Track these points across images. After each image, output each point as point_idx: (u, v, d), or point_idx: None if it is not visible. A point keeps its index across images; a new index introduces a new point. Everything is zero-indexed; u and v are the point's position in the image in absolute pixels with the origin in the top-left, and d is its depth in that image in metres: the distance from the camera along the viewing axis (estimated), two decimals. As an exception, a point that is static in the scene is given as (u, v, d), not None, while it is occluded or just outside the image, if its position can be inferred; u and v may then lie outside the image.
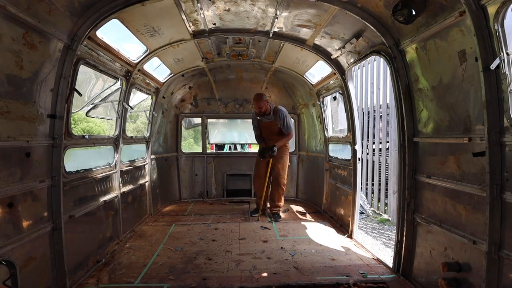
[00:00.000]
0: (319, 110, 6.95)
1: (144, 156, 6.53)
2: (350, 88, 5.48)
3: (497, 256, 2.61)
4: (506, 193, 2.56)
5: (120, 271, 4.00)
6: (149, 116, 6.73)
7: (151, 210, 6.68)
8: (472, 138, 2.87)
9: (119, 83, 5.02)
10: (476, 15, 2.60)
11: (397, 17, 3.21)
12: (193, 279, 3.82)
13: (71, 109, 3.65)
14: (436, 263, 3.36)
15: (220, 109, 8.44)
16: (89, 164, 4.41)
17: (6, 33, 2.58)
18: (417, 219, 3.78)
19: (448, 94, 3.18)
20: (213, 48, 5.85)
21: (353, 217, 5.40)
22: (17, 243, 2.81)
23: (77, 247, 3.82)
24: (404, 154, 3.92)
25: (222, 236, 5.38)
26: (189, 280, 3.78)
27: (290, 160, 8.46)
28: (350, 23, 4.16)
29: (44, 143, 3.23)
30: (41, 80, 3.09)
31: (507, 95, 2.52)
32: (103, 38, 3.98)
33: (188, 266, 4.17)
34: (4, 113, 2.67)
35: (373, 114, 11.28)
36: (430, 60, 3.38)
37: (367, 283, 3.66)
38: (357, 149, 5.50)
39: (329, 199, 6.77)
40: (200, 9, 4.23)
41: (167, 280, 3.77)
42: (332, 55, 5.25)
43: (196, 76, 7.61)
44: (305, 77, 6.81)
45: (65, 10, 3.11)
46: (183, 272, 4.01)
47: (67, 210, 3.61)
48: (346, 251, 4.72)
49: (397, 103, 3.96)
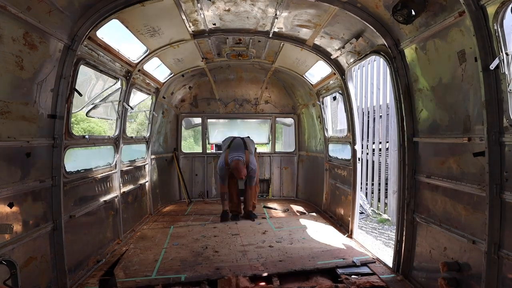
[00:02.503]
0: (319, 110, 6.95)
1: (144, 156, 6.54)
2: (350, 88, 5.48)
3: (496, 255, 2.61)
4: (506, 193, 2.57)
5: (133, 267, 4.08)
6: (149, 116, 6.74)
7: (151, 210, 6.69)
8: (472, 138, 2.88)
9: (119, 83, 5.03)
10: (476, 15, 2.60)
11: (396, 17, 3.22)
12: (207, 269, 4.03)
13: (71, 109, 3.65)
14: (436, 262, 3.36)
15: (220, 109, 8.45)
16: (89, 164, 4.42)
17: (7, 33, 2.59)
18: (416, 219, 3.78)
19: (448, 94, 3.19)
20: (213, 48, 5.85)
21: (353, 217, 5.40)
22: (17, 243, 2.82)
23: (77, 247, 3.83)
24: (404, 154, 3.92)
25: (222, 232, 5.54)
26: (204, 270, 3.98)
27: (290, 161, 8.54)
28: (350, 23, 4.17)
29: (44, 143, 3.24)
30: (42, 80, 3.10)
31: (507, 95, 2.53)
32: (103, 38, 3.99)
33: (198, 259, 4.35)
34: (4, 113, 2.68)
35: (373, 114, 11.28)
36: (430, 60, 3.39)
37: (367, 283, 3.67)
38: (357, 149, 5.50)
39: (329, 199, 6.78)
40: (200, 9, 4.23)
41: (182, 272, 3.93)
42: (332, 55, 5.25)
43: (196, 76, 7.62)
44: (305, 77, 6.82)
45: (65, 11, 3.11)
46: (195, 264, 4.19)
47: (67, 210, 3.62)
48: (346, 250, 4.72)
49: (397, 103, 3.96)
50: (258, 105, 8.51)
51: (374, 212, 10.42)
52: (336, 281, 3.80)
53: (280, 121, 9.08)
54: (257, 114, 8.58)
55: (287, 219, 6.26)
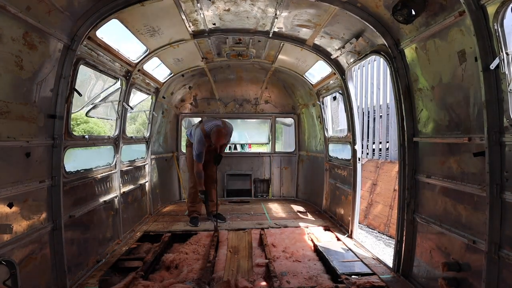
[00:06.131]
0: (319, 110, 6.95)
1: (144, 156, 6.53)
2: (350, 88, 5.48)
3: (497, 256, 2.61)
4: (506, 193, 2.56)
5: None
6: (149, 116, 6.73)
7: (151, 210, 6.68)
8: (472, 138, 2.87)
9: (119, 83, 5.02)
10: (476, 15, 2.60)
11: (397, 17, 3.22)
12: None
13: (71, 109, 3.65)
14: (436, 263, 3.36)
15: (220, 109, 8.44)
16: (89, 164, 4.42)
17: (6, 33, 2.58)
18: (417, 219, 3.78)
19: (448, 94, 3.18)
20: (213, 48, 5.85)
21: (353, 217, 5.40)
22: (17, 243, 2.81)
23: (77, 247, 3.82)
24: (404, 154, 3.92)
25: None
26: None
27: (290, 161, 8.53)
28: (350, 23, 4.17)
29: (44, 143, 3.23)
30: (41, 80, 3.09)
31: (507, 95, 2.52)
32: (103, 38, 3.99)
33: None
34: (4, 113, 2.67)
35: (373, 114, 11.29)
36: (430, 60, 3.38)
37: (367, 283, 3.66)
38: (357, 149, 5.50)
39: (329, 199, 6.77)
40: (200, 9, 4.23)
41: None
42: (332, 55, 5.25)
43: (196, 76, 7.61)
44: (305, 77, 6.82)
45: (65, 10, 3.11)
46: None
47: (67, 210, 3.61)
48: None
49: (397, 103, 3.96)
50: (258, 105, 8.50)
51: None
52: (336, 281, 3.80)
53: (280, 121, 9.07)
54: (257, 114, 8.57)
55: (287, 220, 6.24)
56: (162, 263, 4.38)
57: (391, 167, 9.60)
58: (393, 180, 9.06)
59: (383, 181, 9.68)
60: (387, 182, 9.46)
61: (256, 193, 8.55)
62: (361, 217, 9.12)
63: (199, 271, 4.05)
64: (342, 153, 6.22)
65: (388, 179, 9.49)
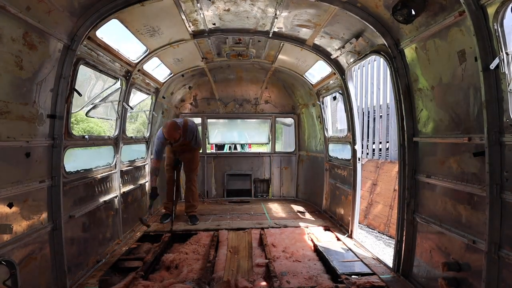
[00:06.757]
0: (319, 110, 6.95)
1: (144, 156, 6.53)
2: (350, 88, 5.48)
3: (497, 255, 2.61)
4: (506, 193, 2.56)
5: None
6: (149, 116, 6.73)
7: (151, 210, 6.66)
8: (472, 138, 2.87)
9: (119, 83, 5.02)
10: (476, 15, 2.60)
11: (396, 17, 3.22)
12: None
13: (71, 109, 3.65)
14: (436, 262, 3.36)
15: (220, 109, 8.44)
16: (89, 164, 4.41)
17: (6, 33, 2.58)
18: (417, 219, 3.78)
19: (448, 94, 3.18)
20: (213, 48, 5.85)
21: (353, 217, 5.40)
22: (17, 243, 2.81)
23: (77, 247, 3.82)
24: (404, 154, 3.92)
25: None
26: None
27: (290, 161, 8.54)
28: (350, 23, 4.16)
29: (44, 143, 3.23)
30: (41, 80, 3.09)
31: (507, 95, 2.52)
32: (103, 38, 3.98)
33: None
34: (4, 113, 2.67)
35: (373, 114, 11.29)
36: (430, 60, 3.38)
37: (367, 283, 3.66)
38: (357, 149, 5.50)
39: (329, 199, 6.77)
40: (200, 9, 4.23)
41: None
42: (332, 55, 5.25)
43: (196, 76, 7.61)
44: (305, 77, 6.82)
45: (64, 10, 3.11)
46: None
47: (67, 210, 3.61)
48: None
49: (397, 103, 3.96)
50: (258, 105, 8.50)
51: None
52: (336, 281, 3.80)
53: (280, 121, 9.07)
54: (257, 114, 8.57)
55: (287, 220, 6.26)
56: (162, 263, 4.38)
57: (391, 167, 9.61)
58: (393, 180, 9.06)
59: (383, 181, 9.68)
60: (387, 182, 9.46)
61: (256, 193, 8.55)
62: (361, 217, 9.12)
63: (199, 271, 4.05)
64: (342, 153, 6.22)
65: (388, 179, 9.49)
